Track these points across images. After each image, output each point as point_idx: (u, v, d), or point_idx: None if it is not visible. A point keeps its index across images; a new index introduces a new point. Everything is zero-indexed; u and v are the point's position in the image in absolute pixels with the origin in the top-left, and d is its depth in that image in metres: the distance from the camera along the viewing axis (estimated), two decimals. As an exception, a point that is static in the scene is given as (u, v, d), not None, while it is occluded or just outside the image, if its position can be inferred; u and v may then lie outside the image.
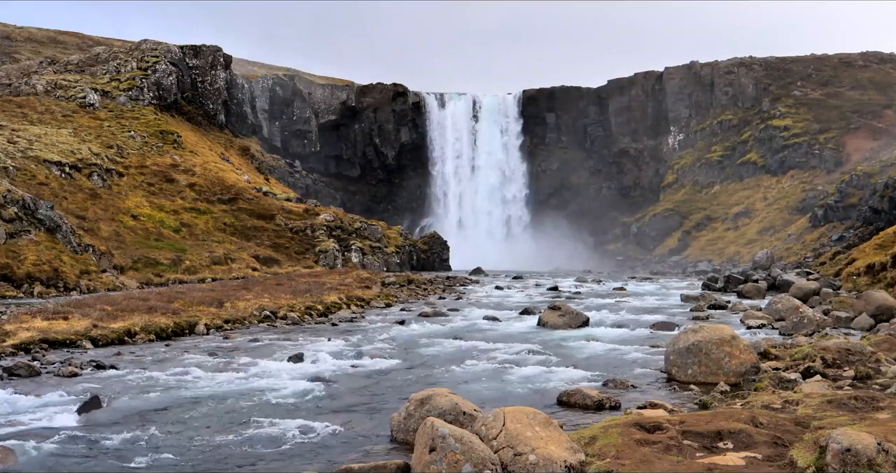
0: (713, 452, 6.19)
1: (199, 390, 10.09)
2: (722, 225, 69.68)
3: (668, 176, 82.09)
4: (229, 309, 19.29)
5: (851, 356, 10.68)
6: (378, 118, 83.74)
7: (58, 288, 27.53)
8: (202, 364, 12.16)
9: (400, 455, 6.86)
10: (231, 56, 72.38)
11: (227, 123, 71.31)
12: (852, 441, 5.29)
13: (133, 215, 41.59)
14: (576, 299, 27.40)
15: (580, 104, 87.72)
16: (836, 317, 17.55)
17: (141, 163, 50.08)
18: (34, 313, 15.92)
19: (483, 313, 21.07)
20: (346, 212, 56.09)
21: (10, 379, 10.75)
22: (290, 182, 71.86)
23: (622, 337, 15.77)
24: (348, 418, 8.59)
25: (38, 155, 40.84)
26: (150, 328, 15.60)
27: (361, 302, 24.63)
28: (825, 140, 68.38)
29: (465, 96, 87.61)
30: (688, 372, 10.63)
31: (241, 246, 43.31)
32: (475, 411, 7.45)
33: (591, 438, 6.53)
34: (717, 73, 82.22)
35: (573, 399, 9.20)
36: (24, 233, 29.49)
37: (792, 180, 68.99)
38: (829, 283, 28.47)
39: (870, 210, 49.05)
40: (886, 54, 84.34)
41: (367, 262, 47.20)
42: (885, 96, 73.03)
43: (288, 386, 10.27)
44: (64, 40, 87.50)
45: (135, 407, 9.06)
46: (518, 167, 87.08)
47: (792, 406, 7.82)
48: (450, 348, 14.29)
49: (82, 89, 57.37)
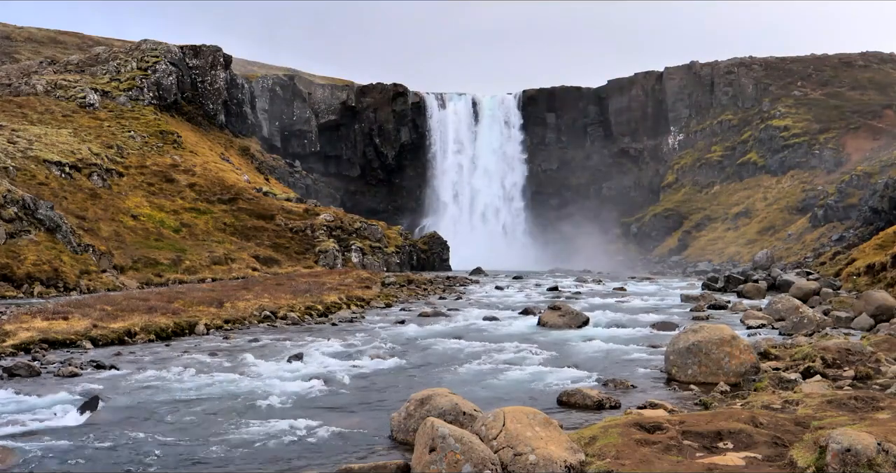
0: (713, 452, 6.19)
1: (199, 390, 10.09)
2: (722, 225, 69.65)
3: (668, 176, 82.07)
4: (229, 309, 19.29)
5: (851, 356, 10.69)
6: (378, 118, 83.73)
7: (58, 288, 27.53)
8: (202, 364, 12.16)
9: (400, 455, 6.86)
10: (231, 56, 72.35)
11: (227, 123, 71.30)
12: (852, 441, 5.29)
13: (133, 215, 41.58)
14: (576, 299, 27.40)
15: (580, 104, 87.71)
16: (836, 317, 17.55)
17: (141, 163, 50.07)
18: (34, 313, 15.93)
19: (483, 313, 21.07)
20: (346, 212, 56.07)
21: (10, 379, 10.75)
22: (290, 182, 71.83)
23: (622, 337, 15.77)
24: (348, 418, 8.59)
25: (38, 155, 40.83)
26: (150, 328, 15.60)
27: (361, 303, 24.63)
28: (825, 140, 68.36)
29: (465, 96, 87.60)
30: (688, 372, 10.63)
31: (241, 247, 43.31)
32: (475, 411, 7.45)
33: (591, 438, 6.53)
34: (717, 73, 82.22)
35: (573, 399, 9.20)
36: (24, 232, 29.49)
37: (792, 180, 68.97)
38: (829, 283, 28.47)
39: (870, 210, 49.04)
40: (886, 54, 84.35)
41: (367, 262, 47.20)
42: (885, 96, 73.02)
43: (288, 386, 10.27)
44: (64, 40, 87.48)
45: (135, 407, 9.06)
46: (518, 167, 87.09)
47: (792, 407, 7.82)
48: (450, 348, 14.29)
49: (82, 89, 57.36)
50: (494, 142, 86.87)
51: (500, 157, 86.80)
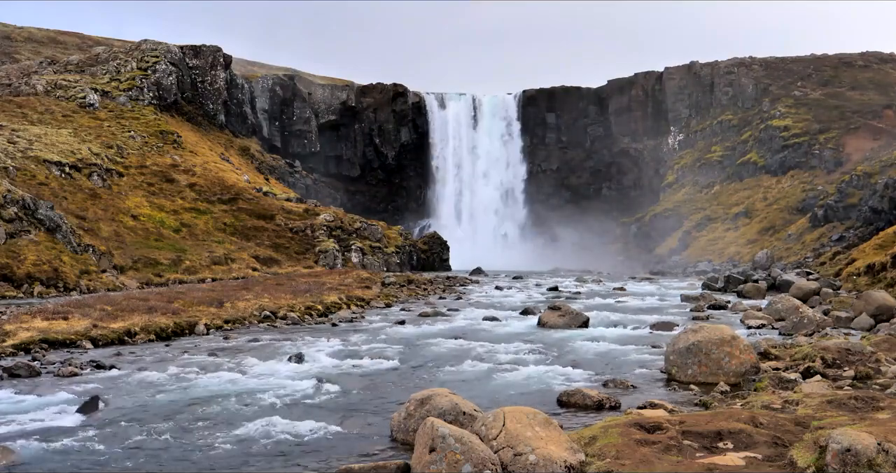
0: (713, 452, 6.19)
1: (199, 390, 10.09)
2: (722, 225, 69.60)
3: (668, 176, 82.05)
4: (229, 309, 19.29)
5: (851, 356, 10.69)
6: (378, 118, 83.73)
7: (58, 288, 27.53)
8: (202, 364, 12.16)
9: (400, 455, 6.86)
10: (231, 56, 72.36)
11: (227, 123, 71.30)
12: (852, 441, 5.29)
13: (133, 215, 41.58)
14: (576, 299, 27.40)
15: (580, 104, 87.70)
16: (836, 317, 17.55)
17: (141, 163, 50.08)
18: (34, 313, 15.92)
19: (483, 313, 21.05)
20: (346, 212, 56.05)
21: (10, 379, 10.75)
22: (290, 182, 71.84)
23: (622, 337, 15.76)
24: (348, 418, 8.59)
25: (38, 155, 40.83)
26: (150, 328, 15.60)
27: (361, 303, 24.63)
28: (825, 140, 68.32)
29: (465, 96, 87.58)
30: (688, 372, 10.63)
31: (241, 247, 43.31)
32: (475, 411, 7.45)
33: (591, 438, 6.53)
34: (717, 73, 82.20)
35: (573, 399, 9.20)
36: (24, 232, 29.49)
37: (792, 180, 68.94)
38: (829, 283, 28.46)
39: (870, 210, 49.05)
40: (886, 54, 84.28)
41: (367, 262, 47.19)
42: (885, 96, 72.97)
43: (288, 387, 10.27)
44: (64, 40, 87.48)
45: (134, 407, 9.06)
46: (518, 167, 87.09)
47: (792, 407, 7.82)
48: (450, 348, 14.28)
49: (82, 89, 57.36)
50: (494, 143, 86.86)
51: (500, 157, 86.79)
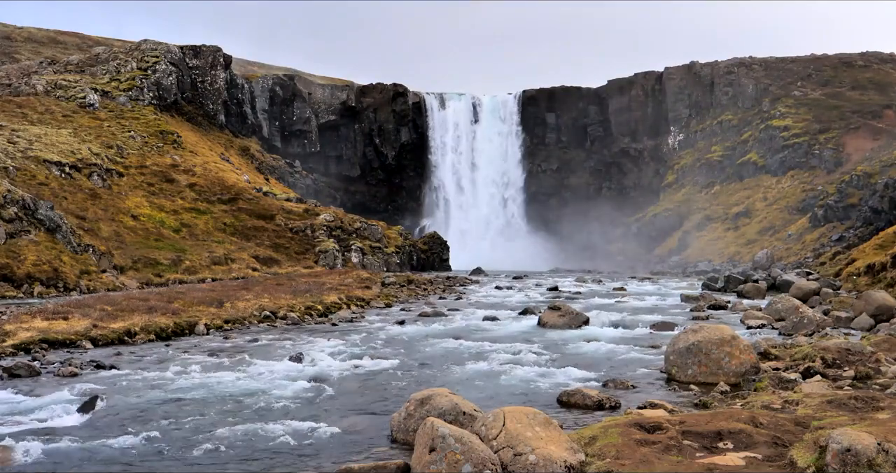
0: (713, 452, 6.19)
1: (199, 390, 10.09)
2: (722, 225, 69.61)
3: (668, 176, 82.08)
4: (229, 309, 19.29)
5: (851, 356, 10.68)
6: (378, 118, 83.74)
7: (58, 288, 27.53)
8: (202, 364, 12.16)
9: (400, 455, 6.86)
10: (231, 56, 72.39)
11: (227, 123, 71.32)
12: (852, 441, 5.28)
13: (133, 215, 41.58)
14: (576, 299, 27.40)
15: (580, 104, 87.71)
16: (836, 317, 17.55)
17: (141, 163, 50.08)
18: (34, 313, 15.92)
19: (483, 313, 21.05)
20: (345, 212, 56.08)
21: (10, 379, 10.75)
22: (290, 182, 71.86)
23: (622, 337, 15.76)
24: (348, 418, 8.58)
25: (38, 155, 40.83)
26: (150, 328, 15.59)
27: (361, 303, 24.63)
28: (825, 140, 68.34)
29: (465, 96, 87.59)
30: (688, 372, 10.63)
31: (241, 247, 43.31)
32: (475, 411, 7.44)
33: (591, 438, 6.53)
34: (717, 73, 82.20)
35: (573, 399, 9.20)
36: (24, 233, 29.49)
37: (792, 180, 68.95)
38: (829, 283, 28.47)
39: (870, 210, 49.06)
40: (886, 54, 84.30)
41: (367, 262, 47.19)
42: (885, 96, 72.98)
43: (288, 387, 10.26)
44: (64, 40, 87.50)
45: (134, 407, 9.06)
46: (518, 167, 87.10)
47: (792, 407, 7.82)
48: (450, 348, 14.28)
49: (82, 89, 57.37)
50: (494, 143, 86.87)
51: (499, 157, 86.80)
